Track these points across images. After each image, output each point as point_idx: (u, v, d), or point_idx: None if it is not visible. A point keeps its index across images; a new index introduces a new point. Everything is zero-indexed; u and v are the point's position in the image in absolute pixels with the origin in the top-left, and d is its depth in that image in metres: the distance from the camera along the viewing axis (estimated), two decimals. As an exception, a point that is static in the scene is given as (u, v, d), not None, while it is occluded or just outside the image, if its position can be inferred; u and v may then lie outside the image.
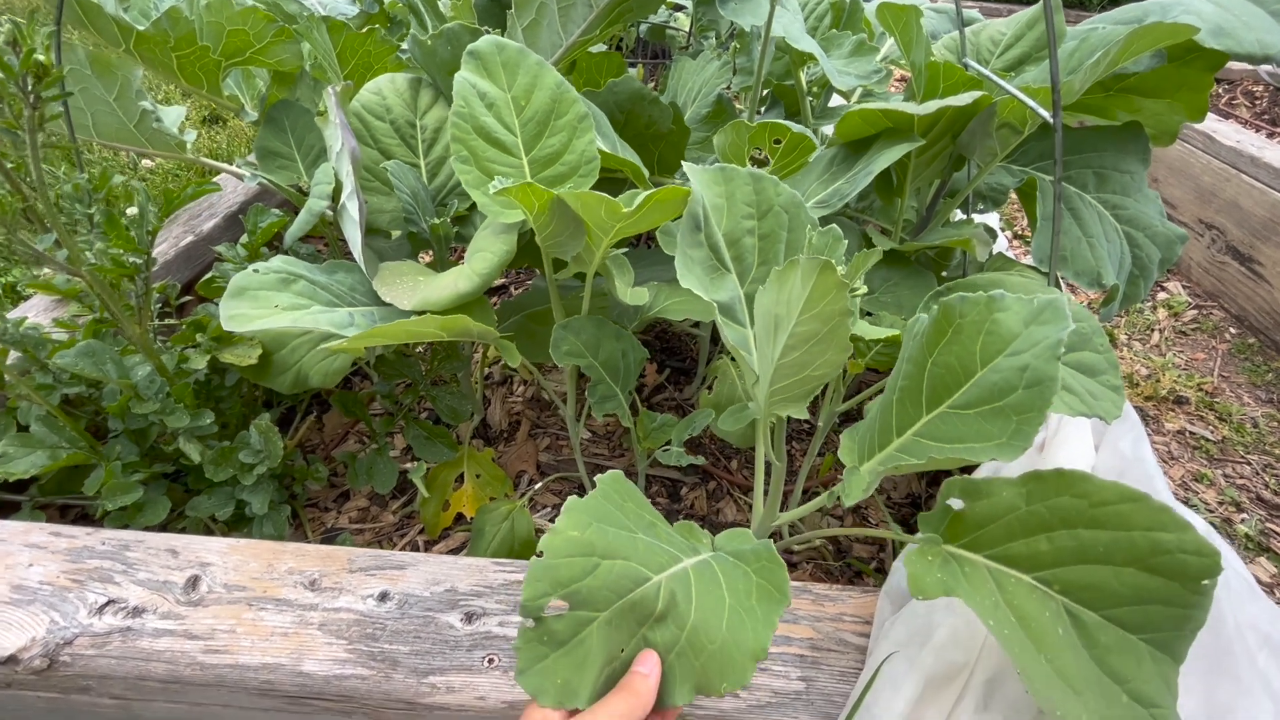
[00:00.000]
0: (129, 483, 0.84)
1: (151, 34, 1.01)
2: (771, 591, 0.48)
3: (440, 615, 0.75)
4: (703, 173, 0.64)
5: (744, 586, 0.49)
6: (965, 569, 0.51)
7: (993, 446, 0.45)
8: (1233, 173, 2.08)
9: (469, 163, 0.74)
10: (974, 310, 0.49)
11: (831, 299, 0.46)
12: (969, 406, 0.48)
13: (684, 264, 0.61)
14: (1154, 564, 0.45)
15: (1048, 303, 0.46)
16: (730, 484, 1.21)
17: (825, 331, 0.49)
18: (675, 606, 0.47)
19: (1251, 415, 1.73)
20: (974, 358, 0.48)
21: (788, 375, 0.55)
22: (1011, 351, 0.46)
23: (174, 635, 0.72)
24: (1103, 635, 0.46)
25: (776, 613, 0.47)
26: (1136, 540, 0.46)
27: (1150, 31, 0.72)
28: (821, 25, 1.23)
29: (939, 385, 0.50)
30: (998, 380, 0.47)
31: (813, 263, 0.44)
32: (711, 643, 0.45)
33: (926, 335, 0.51)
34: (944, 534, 0.54)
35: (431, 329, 0.67)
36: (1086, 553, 0.47)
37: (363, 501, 1.17)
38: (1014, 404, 0.45)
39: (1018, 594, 0.49)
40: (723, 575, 0.49)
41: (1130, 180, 1.08)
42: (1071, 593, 0.48)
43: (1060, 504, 0.48)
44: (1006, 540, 0.50)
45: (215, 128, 2.86)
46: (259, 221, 1.05)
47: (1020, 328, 0.47)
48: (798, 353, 0.51)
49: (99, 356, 0.80)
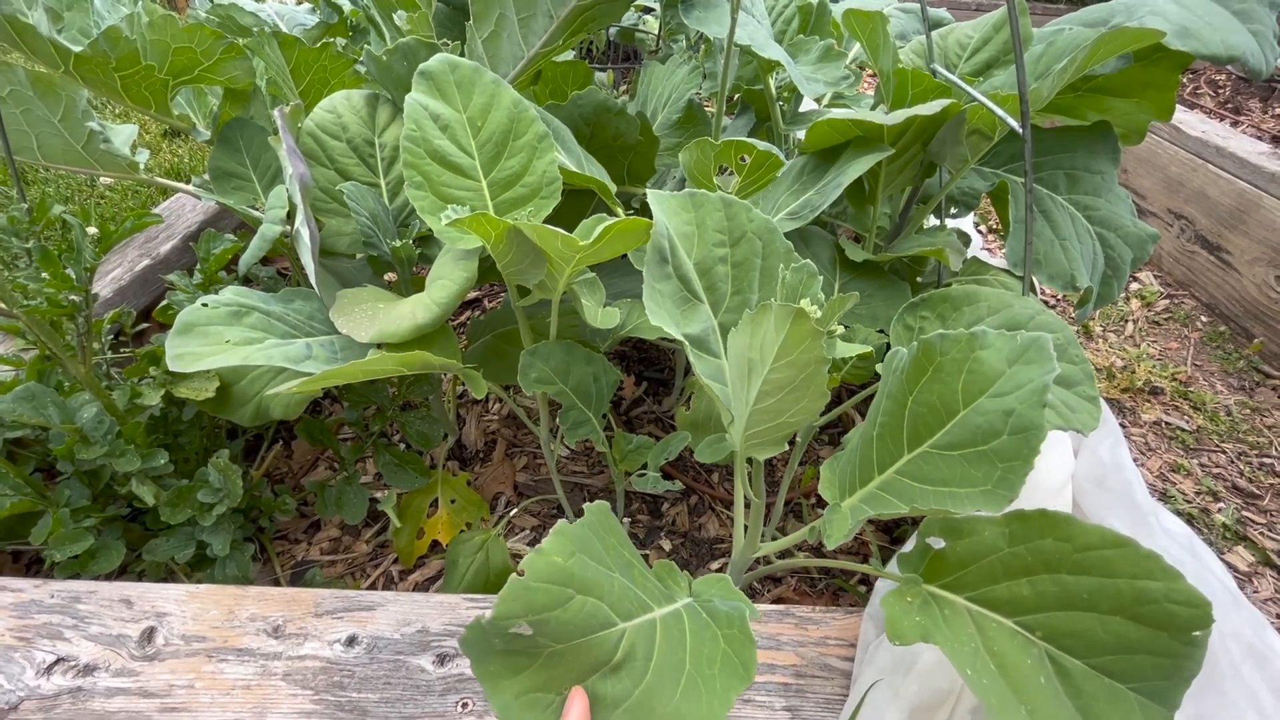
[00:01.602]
0: (79, 530, 0.80)
1: (90, 55, 0.96)
2: (736, 666, 0.45)
3: (411, 658, 0.72)
4: (669, 200, 0.62)
5: (709, 651, 0.46)
6: (945, 611, 0.49)
7: (978, 494, 0.44)
8: (1199, 163, 2.11)
9: (423, 188, 0.71)
10: (955, 348, 0.47)
11: (806, 347, 0.44)
12: (952, 448, 0.46)
13: (652, 298, 0.58)
14: (1140, 613, 0.44)
15: (1031, 341, 0.45)
16: (712, 498, 1.19)
17: (801, 379, 0.47)
18: (634, 660, 0.45)
19: (1225, 403, 1.75)
20: (955, 397, 0.46)
21: (763, 420, 0.53)
22: (995, 392, 0.45)
23: (128, 694, 0.69)
24: (1088, 684, 0.45)
25: (736, 691, 0.45)
26: (1122, 588, 0.44)
27: (1116, 37, 0.71)
28: (789, 29, 1.21)
29: (920, 424, 0.48)
30: (981, 423, 0.45)
31: (785, 310, 0.42)
32: (663, 708, 0.43)
33: (907, 372, 0.49)
34: (923, 573, 0.52)
35: (390, 366, 0.64)
36: (1070, 599, 0.46)
37: (334, 531, 1.13)
38: (999, 450, 0.44)
39: (998, 639, 0.47)
40: (690, 634, 0.47)
41: (1101, 181, 1.08)
42: (1055, 639, 0.46)
43: (1043, 547, 0.47)
44: (988, 582, 0.49)
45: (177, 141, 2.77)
46: (211, 249, 1.01)
47: (1004, 366, 0.45)
48: (773, 399, 0.49)
49: (39, 400, 0.76)
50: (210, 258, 1.00)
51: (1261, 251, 1.86)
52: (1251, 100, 2.61)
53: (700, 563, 1.10)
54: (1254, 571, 1.36)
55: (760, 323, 0.45)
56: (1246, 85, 2.69)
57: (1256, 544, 1.40)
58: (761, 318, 0.44)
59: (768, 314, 0.43)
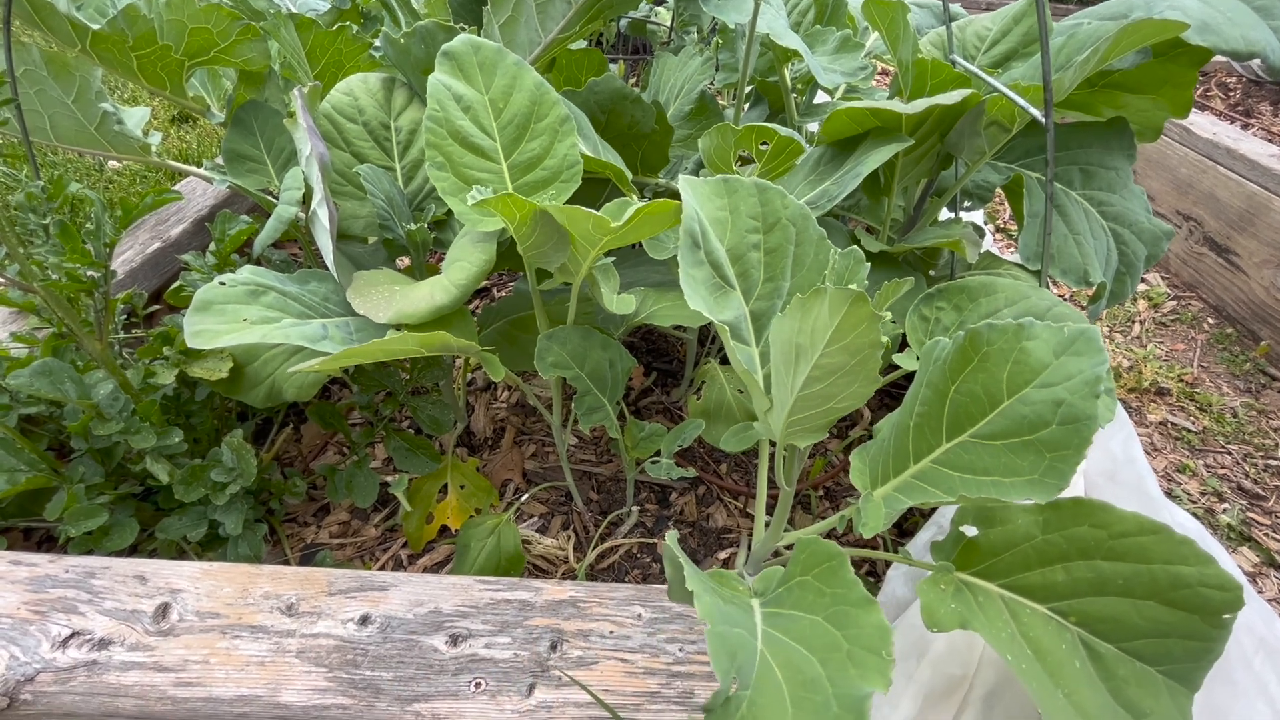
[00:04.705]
0: (93, 506, 0.80)
1: (108, 33, 0.96)
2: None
3: (424, 638, 0.72)
4: (701, 185, 0.62)
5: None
6: (979, 598, 0.49)
7: (1024, 483, 0.44)
8: (1209, 164, 2.10)
9: (445, 169, 0.71)
10: (1001, 338, 0.47)
11: (862, 331, 0.44)
12: (994, 437, 0.47)
13: (689, 284, 0.58)
14: (1174, 598, 0.44)
15: (1080, 333, 0.45)
16: (720, 489, 1.19)
17: (853, 364, 0.47)
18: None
19: (1231, 405, 1.75)
20: (1000, 387, 0.47)
21: (809, 407, 0.53)
22: (1042, 383, 0.45)
23: (143, 668, 0.69)
24: (1120, 668, 0.45)
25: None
26: (1157, 573, 0.45)
27: (1139, 28, 0.71)
28: (805, 20, 1.21)
29: (961, 414, 0.49)
30: (1028, 413, 0.45)
31: (843, 294, 0.42)
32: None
33: (950, 361, 0.49)
34: (955, 561, 0.52)
35: (410, 346, 0.64)
36: (1105, 585, 0.46)
37: (343, 515, 1.13)
38: (1047, 440, 0.44)
39: (1033, 625, 0.47)
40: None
41: (1116, 176, 1.08)
42: (1089, 625, 0.47)
43: (1078, 534, 0.47)
44: (1022, 569, 0.49)
45: (185, 127, 2.77)
46: (227, 229, 1.01)
47: (1050, 358, 0.45)
48: (822, 385, 0.49)
49: (56, 375, 0.76)
50: (225, 238, 1.00)
51: (1270, 254, 1.86)
52: (1262, 103, 2.60)
53: (708, 552, 1.10)
54: (1258, 572, 1.36)
55: (812, 307, 0.45)
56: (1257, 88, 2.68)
57: (1261, 545, 1.40)
58: (814, 302, 0.44)
59: (821, 297, 0.43)
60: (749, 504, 1.17)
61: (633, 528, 1.12)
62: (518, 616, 0.75)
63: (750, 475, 1.22)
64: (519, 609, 0.76)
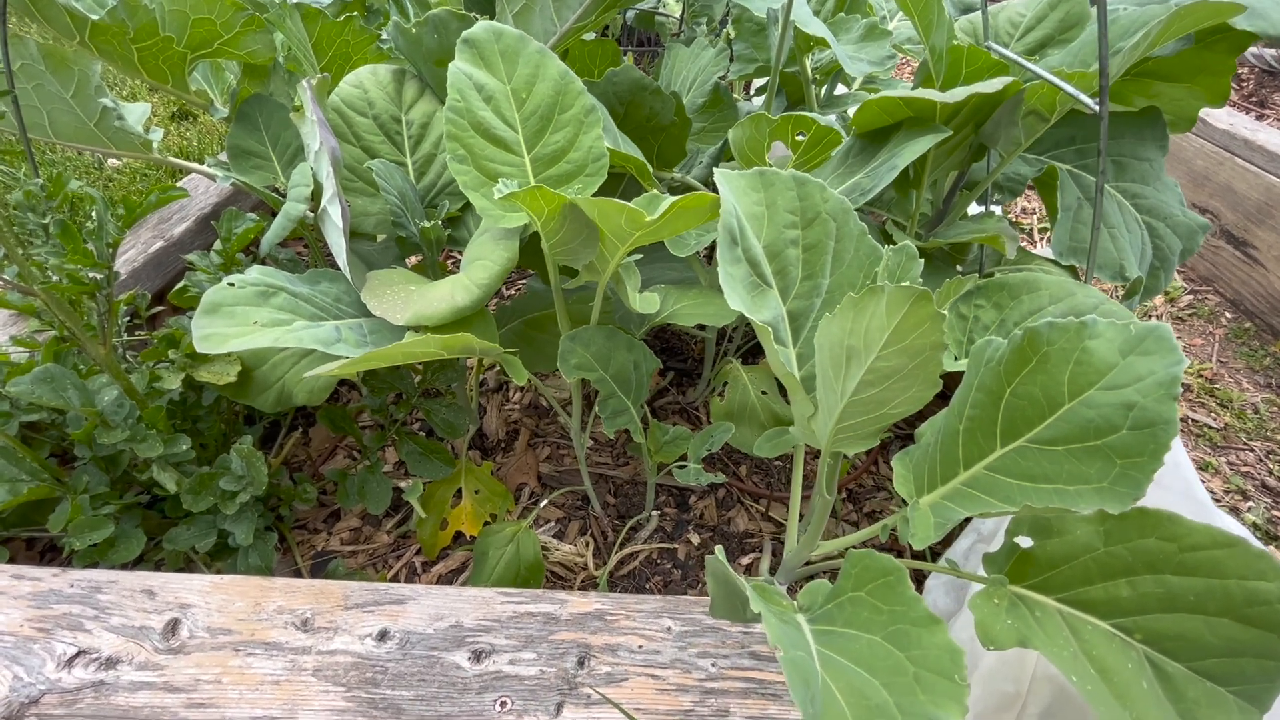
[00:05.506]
0: (98, 518, 0.77)
1: (108, 25, 0.92)
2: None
3: (446, 655, 0.69)
4: (737, 179, 0.58)
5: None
6: (1036, 613, 0.46)
7: (1092, 492, 0.41)
8: (1226, 156, 2.07)
9: (466, 162, 0.68)
10: (1062, 337, 0.44)
11: (924, 331, 0.41)
12: (1055, 442, 0.44)
13: (728, 283, 0.55)
14: (1250, 614, 0.41)
15: (1149, 330, 0.42)
16: (741, 491, 1.16)
17: (912, 367, 0.44)
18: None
19: (1252, 401, 1.72)
20: (1061, 389, 0.43)
21: (860, 413, 0.50)
22: (1107, 385, 0.42)
23: (153, 688, 0.66)
24: (1191, 689, 0.42)
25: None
26: (1231, 589, 0.42)
27: (1193, 11, 0.68)
28: (825, 8, 1.17)
29: (1017, 417, 0.46)
30: (1093, 417, 0.42)
31: (904, 292, 0.38)
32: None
33: (1006, 362, 0.46)
34: (1009, 573, 0.49)
35: (432, 349, 0.61)
36: (1175, 601, 0.43)
37: (354, 521, 1.10)
38: (1117, 445, 0.41)
39: (1095, 643, 0.44)
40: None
41: (1149, 168, 1.05)
42: (1155, 642, 0.44)
43: (1145, 546, 0.44)
44: (1082, 583, 0.46)
45: (185, 124, 2.73)
46: (233, 228, 0.98)
47: (1116, 358, 0.42)
48: (876, 389, 0.46)
49: (58, 382, 0.73)
50: (232, 238, 0.97)
51: (1291, 247, 1.83)
52: (1276, 93, 2.56)
53: (730, 558, 1.07)
54: (1286, 571, 1.34)
55: (866, 306, 0.41)
56: (1271, 78, 2.64)
57: (1290, 544, 1.37)
58: (868, 301, 0.41)
59: (878, 296, 0.40)
60: (771, 507, 1.14)
61: (652, 532, 1.09)
62: (542, 630, 0.72)
63: (772, 477, 1.19)
64: (543, 622, 0.73)
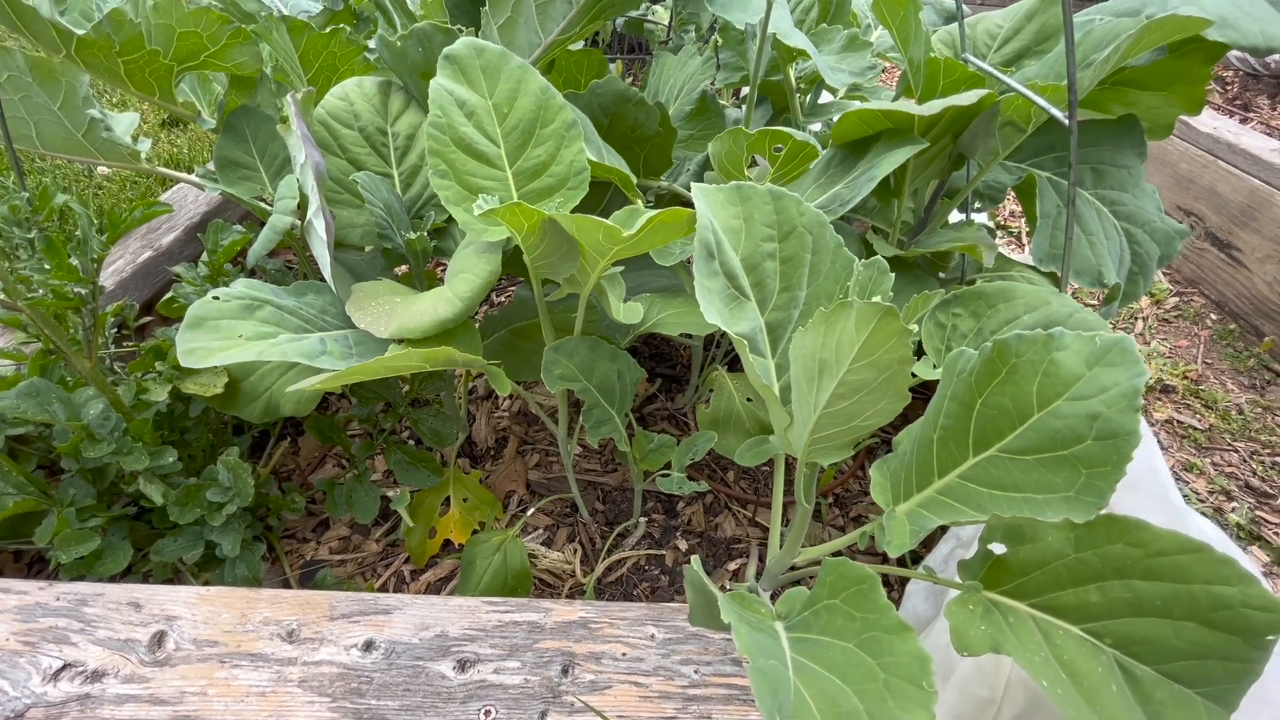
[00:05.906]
0: (85, 530, 0.77)
1: (93, 39, 0.93)
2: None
3: (431, 664, 0.70)
4: (715, 193, 0.59)
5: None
6: (1010, 619, 0.47)
7: (1059, 500, 0.42)
8: (1210, 159, 2.09)
9: (448, 177, 0.69)
10: (1031, 349, 0.45)
11: (891, 346, 0.42)
12: (1025, 452, 0.45)
13: (704, 296, 0.56)
14: (1215, 619, 0.42)
15: (1114, 343, 0.43)
16: (728, 498, 1.17)
17: (881, 380, 0.45)
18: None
19: (1236, 402, 1.74)
20: (1030, 400, 0.44)
21: (833, 424, 0.50)
22: (1074, 395, 0.43)
23: (138, 701, 0.66)
24: (1158, 691, 0.43)
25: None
26: (1197, 594, 0.43)
27: (1162, 25, 0.69)
28: (808, 19, 1.18)
29: (989, 427, 0.47)
30: (1060, 427, 0.43)
31: (871, 308, 0.39)
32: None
33: (976, 373, 0.47)
34: (983, 579, 0.50)
35: (414, 362, 0.62)
36: (1142, 605, 0.44)
37: (343, 530, 1.11)
38: (1082, 455, 0.42)
39: (1066, 647, 0.45)
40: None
41: (1128, 175, 1.06)
42: (1125, 646, 0.45)
43: (1113, 552, 0.45)
44: (1054, 589, 0.47)
45: (175, 131, 2.73)
46: (220, 240, 0.98)
47: (1083, 369, 0.43)
48: (847, 402, 0.47)
49: (44, 396, 0.73)
50: (219, 249, 0.98)
51: (1273, 249, 1.85)
52: (1260, 97, 2.59)
53: (717, 563, 1.08)
54: (1268, 572, 1.35)
55: (836, 321, 0.42)
56: (1255, 81, 2.67)
57: (1271, 544, 1.39)
58: (838, 315, 0.42)
59: (847, 311, 0.41)
60: (758, 513, 1.15)
61: (640, 539, 1.10)
62: (527, 639, 0.73)
63: (759, 483, 1.20)
64: (528, 631, 0.73)
